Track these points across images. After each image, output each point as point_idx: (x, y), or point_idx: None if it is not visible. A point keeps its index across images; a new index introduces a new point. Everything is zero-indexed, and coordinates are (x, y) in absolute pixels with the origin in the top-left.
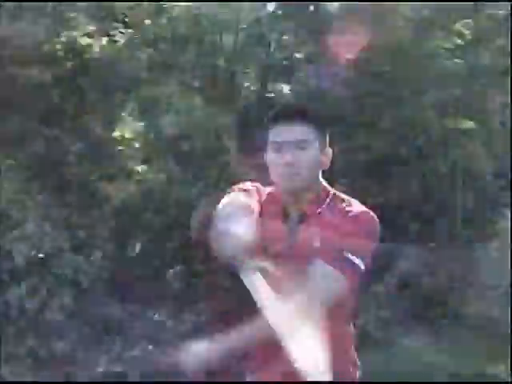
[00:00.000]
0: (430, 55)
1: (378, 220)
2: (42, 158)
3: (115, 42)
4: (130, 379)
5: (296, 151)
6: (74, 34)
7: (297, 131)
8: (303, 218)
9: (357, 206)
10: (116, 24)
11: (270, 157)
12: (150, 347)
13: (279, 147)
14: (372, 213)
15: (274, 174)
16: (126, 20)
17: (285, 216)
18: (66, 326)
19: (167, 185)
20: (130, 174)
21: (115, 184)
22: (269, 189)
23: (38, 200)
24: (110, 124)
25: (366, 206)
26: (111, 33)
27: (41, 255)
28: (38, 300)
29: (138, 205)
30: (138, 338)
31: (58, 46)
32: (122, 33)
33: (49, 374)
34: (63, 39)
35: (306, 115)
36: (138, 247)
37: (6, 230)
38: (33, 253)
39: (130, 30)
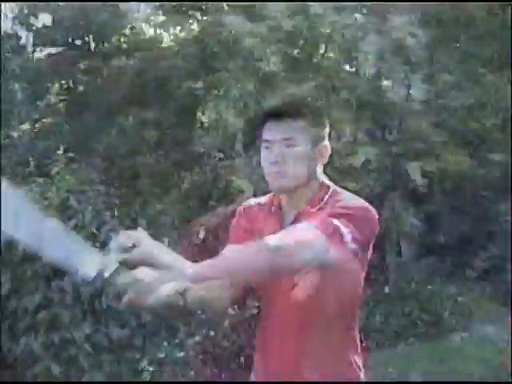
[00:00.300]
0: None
1: (375, 214)
2: (114, 148)
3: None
4: (192, 366)
5: (283, 149)
6: (142, 25)
7: (284, 128)
8: (299, 217)
9: (353, 199)
10: (192, 12)
11: (262, 155)
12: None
13: (268, 145)
14: (370, 206)
15: (264, 173)
16: (203, 7)
17: (282, 216)
18: (125, 313)
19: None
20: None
21: (189, 171)
22: (269, 195)
23: (99, 190)
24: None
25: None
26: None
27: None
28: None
29: (204, 192)
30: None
31: (124, 39)
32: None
33: (106, 359)
34: (127, 31)
35: (294, 112)
36: (201, 234)
37: (65, 219)
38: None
39: (205, 18)
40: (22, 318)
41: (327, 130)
